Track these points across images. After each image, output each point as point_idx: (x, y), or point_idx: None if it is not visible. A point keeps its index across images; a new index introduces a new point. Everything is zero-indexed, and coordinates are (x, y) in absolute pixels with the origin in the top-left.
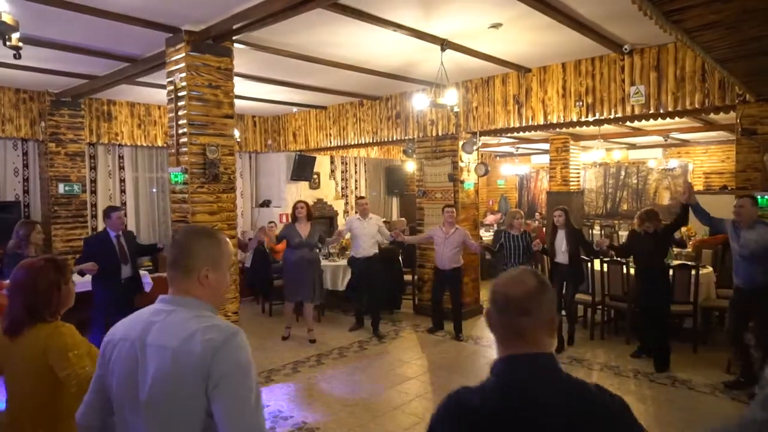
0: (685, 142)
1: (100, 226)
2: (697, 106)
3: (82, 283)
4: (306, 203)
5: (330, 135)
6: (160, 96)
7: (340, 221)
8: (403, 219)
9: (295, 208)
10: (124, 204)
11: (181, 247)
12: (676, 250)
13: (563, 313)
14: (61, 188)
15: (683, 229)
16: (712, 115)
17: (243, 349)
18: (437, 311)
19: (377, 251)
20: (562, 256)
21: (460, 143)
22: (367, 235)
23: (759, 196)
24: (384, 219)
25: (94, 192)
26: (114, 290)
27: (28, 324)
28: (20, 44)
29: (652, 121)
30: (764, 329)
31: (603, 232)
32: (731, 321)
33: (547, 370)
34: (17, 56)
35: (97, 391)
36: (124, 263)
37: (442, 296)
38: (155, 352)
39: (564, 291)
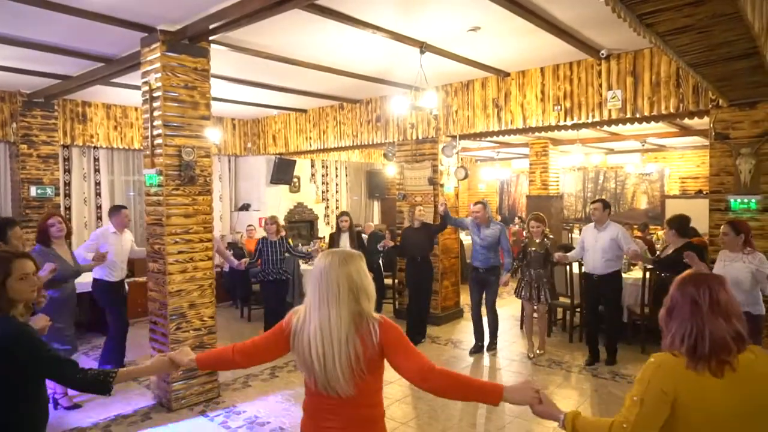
0: (661, 147)
1: (75, 229)
2: (672, 110)
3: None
4: (64, 218)
5: (310, 138)
6: (137, 98)
7: (321, 225)
8: (371, 224)
9: (49, 225)
10: (99, 207)
11: None
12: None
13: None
14: (33, 191)
15: (661, 234)
16: (686, 120)
17: None
18: None
19: (125, 275)
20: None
21: (440, 147)
22: (120, 253)
23: (732, 200)
24: (357, 225)
25: (68, 195)
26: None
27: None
28: None
29: (629, 126)
30: (489, 300)
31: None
32: (472, 296)
33: None
34: None
35: None
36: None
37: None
38: None
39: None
